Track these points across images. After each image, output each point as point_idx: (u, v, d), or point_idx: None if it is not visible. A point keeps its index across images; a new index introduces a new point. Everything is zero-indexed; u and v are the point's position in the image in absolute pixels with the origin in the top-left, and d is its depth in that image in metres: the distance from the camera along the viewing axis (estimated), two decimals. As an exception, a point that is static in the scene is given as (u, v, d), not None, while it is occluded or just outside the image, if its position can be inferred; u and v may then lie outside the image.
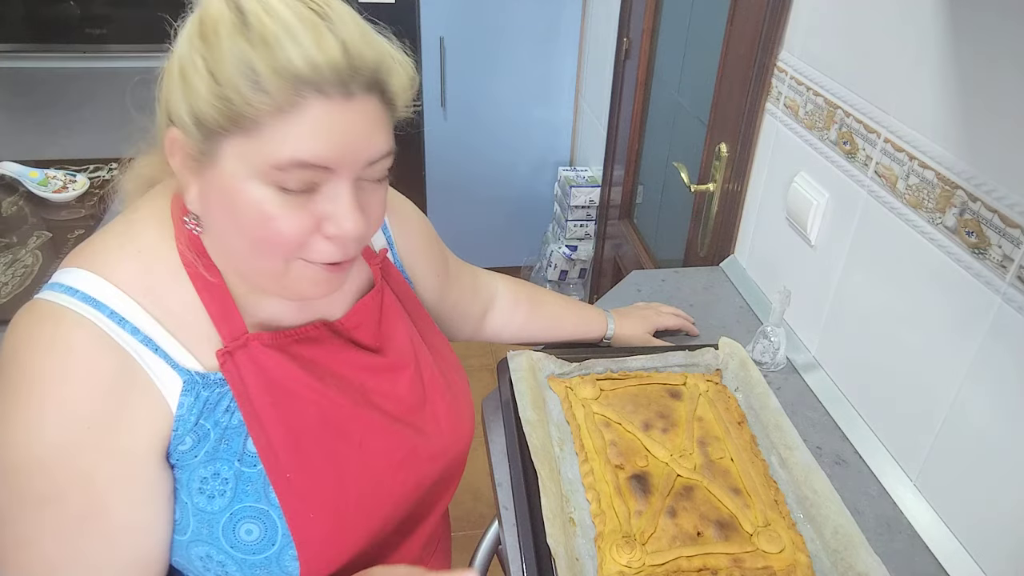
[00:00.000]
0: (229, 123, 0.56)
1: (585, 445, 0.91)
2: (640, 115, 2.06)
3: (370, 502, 0.71)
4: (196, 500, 0.63)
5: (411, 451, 0.75)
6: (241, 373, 0.65)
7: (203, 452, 0.63)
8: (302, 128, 0.56)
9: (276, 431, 0.65)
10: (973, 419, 0.82)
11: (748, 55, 1.27)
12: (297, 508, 0.65)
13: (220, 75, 0.55)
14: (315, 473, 0.67)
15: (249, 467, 0.64)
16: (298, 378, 0.67)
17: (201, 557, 0.64)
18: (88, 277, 0.61)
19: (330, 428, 0.69)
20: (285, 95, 0.54)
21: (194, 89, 0.56)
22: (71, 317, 0.59)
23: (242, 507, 0.64)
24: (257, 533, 0.64)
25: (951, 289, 0.84)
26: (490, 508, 0.93)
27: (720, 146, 1.39)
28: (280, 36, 0.54)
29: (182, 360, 0.63)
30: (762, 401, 0.98)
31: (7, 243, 1.44)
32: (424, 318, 0.85)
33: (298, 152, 0.56)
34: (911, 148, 0.89)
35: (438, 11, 2.49)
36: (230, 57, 0.54)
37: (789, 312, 1.18)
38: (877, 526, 0.88)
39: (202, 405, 0.63)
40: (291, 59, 0.54)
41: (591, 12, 2.54)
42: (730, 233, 1.40)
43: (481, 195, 2.89)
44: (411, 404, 0.76)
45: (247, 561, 0.64)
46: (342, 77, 0.56)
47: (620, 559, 0.77)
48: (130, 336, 0.61)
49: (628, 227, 2.22)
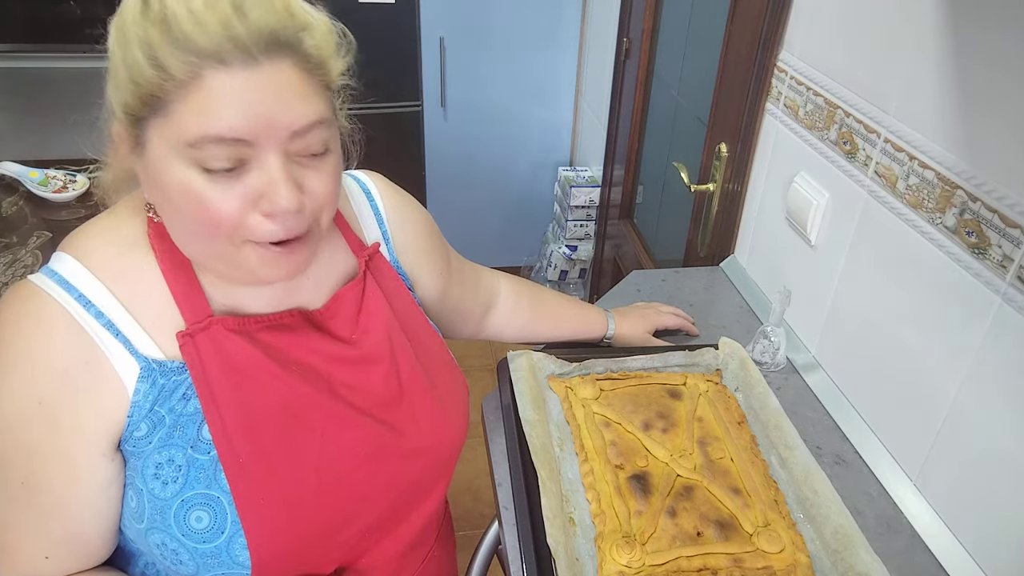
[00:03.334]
0: (143, 106, 0.57)
1: (585, 445, 0.91)
2: (640, 115, 2.06)
3: (330, 495, 0.69)
4: (151, 486, 0.64)
5: (380, 447, 0.73)
6: (201, 355, 0.65)
7: (157, 438, 0.64)
8: (208, 103, 0.55)
9: (232, 415, 0.65)
10: (973, 419, 0.82)
11: (748, 55, 1.27)
12: (248, 494, 0.64)
13: (129, 60, 0.55)
14: (270, 460, 0.66)
15: (202, 454, 0.64)
16: (259, 363, 0.67)
17: (158, 545, 0.65)
18: (67, 261, 0.64)
19: (289, 415, 0.68)
20: (184, 69, 0.54)
21: (116, 79, 0.58)
22: (42, 297, 0.62)
23: (193, 494, 0.64)
24: (207, 521, 0.64)
25: (951, 289, 0.84)
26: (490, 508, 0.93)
27: (720, 146, 1.39)
28: (176, 11, 0.54)
29: (142, 347, 0.64)
30: (762, 401, 0.98)
31: (7, 243, 1.44)
32: (415, 316, 0.82)
33: (207, 128, 0.55)
34: (911, 148, 0.89)
35: (438, 11, 2.49)
36: (135, 40, 0.55)
37: (789, 312, 1.18)
38: (877, 526, 0.88)
39: (158, 392, 0.64)
40: (184, 31, 0.53)
41: (591, 12, 2.54)
42: (730, 233, 1.40)
43: (481, 195, 2.89)
44: (384, 399, 0.75)
45: (198, 550, 0.64)
46: (240, 43, 0.54)
47: (620, 559, 0.77)
48: (93, 320, 0.62)
49: (628, 227, 2.22)
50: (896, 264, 0.93)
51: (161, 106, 0.56)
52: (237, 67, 0.54)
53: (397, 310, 0.80)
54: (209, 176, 0.57)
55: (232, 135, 0.56)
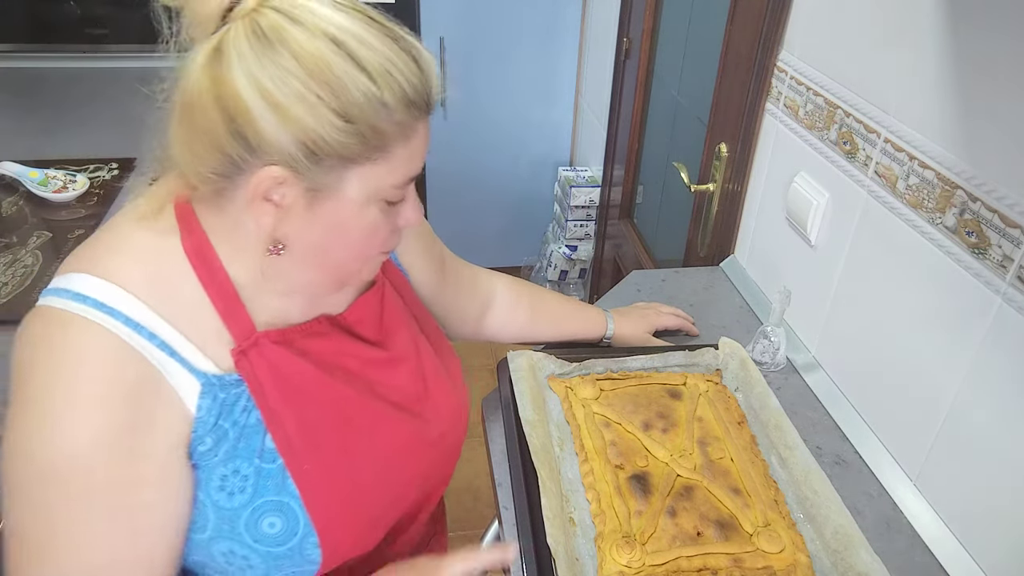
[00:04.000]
0: (360, 155, 0.58)
1: (585, 445, 0.91)
2: (640, 115, 2.06)
3: (381, 487, 0.73)
4: (216, 498, 0.64)
5: (415, 438, 0.77)
6: (255, 371, 0.65)
7: (223, 451, 0.64)
8: (415, 148, 0.62)
9: (291, 425, 0.67)
10: (973, 419, 0.82)
11: (748, 55, 1.27)
12: (315, 497, 0.67)
13: (351, 112, 0.56)
14: (330, 463, 0.69)
15: (269, 463, 0.66)
16: (307, 373, 0.69)
17: (224, 553, 0.65)
18: (97, 283, 0.61)
19: (340, 419, 0.70)
20: (409, 122, 0.60)
21: (309, 127, 0.55)
22: (83, 324, 0.59)
23: (263, 501, 0.65)
24: (280, 526, 0.66)
25: (951, 289, 0.84)
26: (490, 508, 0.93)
27: (720, 146, 1.39)
28: (388, 67, 0.57)
29: (197, 363, 0.63)
30: (762, 401, 0.98)
31: (7, 243, 1.44)
32: (420, 309, 0.87)
33: (411, 171, 0.63)
34: (911, 148, 0.89)
35: (438, 11, 2.49)
36: (357, 94, 0.56)
37: (789, 312, 1.18)
38: (877, 526, 0.88)
39: (220, 406, 0.64)
40: (405, 89, 0.58)
41: (591, 12, 2.54)
42: (730, 233, 1.40)
43: (481, 195, 2.89)
44: (413, 393, 0.78)
45: (271, 553, 0.65)
46: (432, 100, 0.62)
47: (620, 559, 0.77)
48: (147, 341, 0.61)
49: (628, 227, 2.21)
50: (896, 264, 0.93)
51: (379, 155, 0.59)
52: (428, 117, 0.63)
53: (409, 306, 0.84)
54: (385, 210, 0.64)
55: (417, 174, 0.64)
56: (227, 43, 0.55)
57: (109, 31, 2.33)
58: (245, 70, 0.54)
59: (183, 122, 0.59)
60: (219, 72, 0.55)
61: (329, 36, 0.55)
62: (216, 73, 0.55)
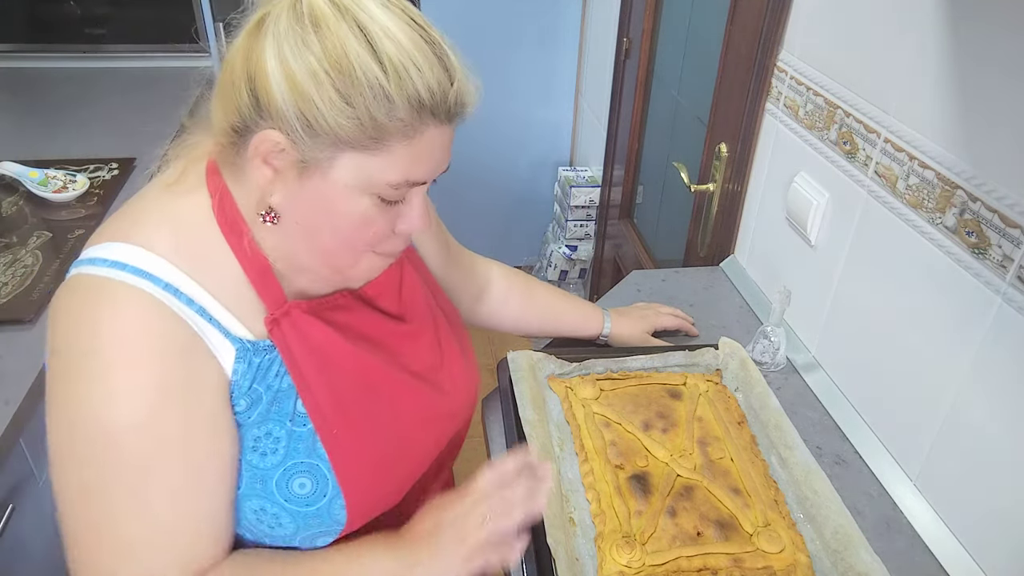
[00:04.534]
0: (355, 141, 0.59)
1: (585, 445, 0.91)
2: (640, 115, 2.06)
3: (402, 454, 0.76)
4: (249, 458, 0.67)
5: (434, 408, 0.80)
6: (287, 339, 0.68)
7: (256, 414, 0.67)
8: (418, 151, 0.62)
9: (321, 392, 0.69)
10: (973, 419, 0.82)
11: (748, 55, 1.27)
12: (344, 462, 0.69)
13: (352, 95, 0.57)
14: (357, 429, 0.71)
15: (300, 426, 0.68)
16: (335, 342, 0.71)
17: (255, 511, 0.68)
18: (133, 250, 0.63)
19: (366, 387, 0.73)
20: (412, 122, 0.60)
21: (312, 99, 0.57)
22: (125, 289, 0.61)
23: (294, 463, 0.68)
24: (310, 487, 0.68)
25: (951, 289, 0.84)
26: (490, 508, 0.93)
27: (720, 146, 1.39)
28: (408, 65, 0.58)
29: (232, 328, 0.66)
30: (762, 401, 0.98)
31: (7, 243, 1.44)
32: (434, 284, 0.89)
33: (411, 174, 0.63)
34: (911, 148, 0.89)
35: (438, 11, 2.49)
36: (363, 79, 0.57)
37: (789, 312, 1.18)
38: (877, 526, 0.88)
39: (254, 371, 0.66)
40: (419, 91, 0.59)
41: (591, 12, 2.54)
42: (730, 233, 1.40)
43: (481, 195, 2.89)
44: (432, 364, 0.81)
45: (300, 512, 0.68)
46: (452, 111, 0.62)
47: (620, 559, 0.77)
48: (185, 306, 0.63)
49: (628, 227, 2.21)
50: (896, 264, 0.93)
51: (375, 146, 0.60)
52: (443, 125, 0.63)
53: (426, 281, 0.86)
54: (380, 204, 0.64)
55: (423, 180, 0.64)
56: (270, 15, 0.59)
57: (109, 31, 2.34)
58: (275, 38, 0.58)
59: (221, 77, 0.63)
60: (256, 37, 0.60)
61: (358, 22, 0.58)
62: (253, 37, 0.60)
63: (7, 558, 1.06)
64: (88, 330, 0.60)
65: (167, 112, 2.06)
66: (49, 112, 2.06)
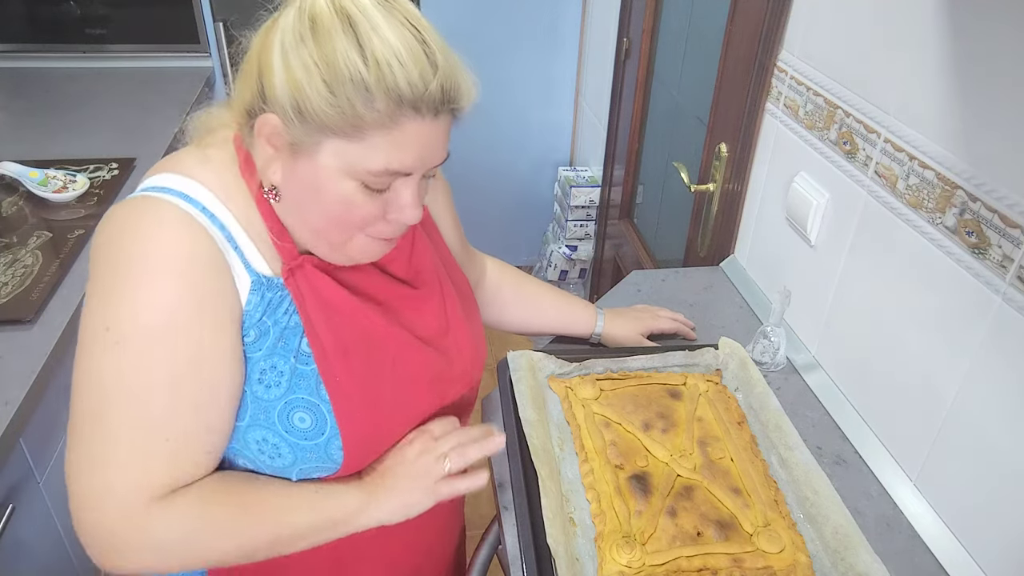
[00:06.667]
0: (337, 128, 0.63)
1: (585, 445, 0.91)
2: (640, 115, 2.06)
3: (400, 409, 0.79)
4: (255, 389, 0.71)
5: (438, 372, 0.83)
6: (300, 289, 0.72)
7: (265, 346, 0.71)
8: (398, 142, 0.65)
9: (328, 341, 0.73)
10: (973, 419, 0.82)
11: (748, 55, 1.27)
12: (344, 407, 0.73)
13: (335, 85, 0.62)
14: (357, 377, 0.74)
15: (303, 364, 0.72)
16: (343, 297, 0.75)
17: (257, 441, 0.72)
18: (178, 178, 0.69)
19: (369, 343, 0.76)
20: (391, 114, 0.63)
21: (303, 88, 0.62)
22: (164, 203, 0.67)
23: (296, 398, 0.72)
24: (309, 422, 0.72)
25: (951, 289, 0.84)
26: (490, 508, 0.93)
27: (720, 146, 1.39)
28: (391, 60, 0.61)
29: (253, 261, 0.71)
30: (762, 401, 0.98)
31: (7, 243, 1.44)
32: (447, 254, 0.92)
33: (391, 163, 0.65)
34: (911, 148, 0.89)
35: (438, 12, 2.49)
36: (345, 71, 0.61)
37: (789, 312, 1.18)
38: (877, 526, 0.88)
39: (266, 305, 0.71)
40: (399, 84, 0.62)
41: (591, 13, 2.54)
42: (730, 233, 1.40)
43: (481, 195, 2.89)
44: (438, 330, 0.84)
45: (299, 445, 0.72)
46: (436, 104, 0.65)
47: (620, 559, 0.77)
48: (218, 231, 0.68)
49: (628, 227, 2.21)
50: (896, 264, 0.93)
51: (354, 133, 0.63)
52: (428, 118, 0.65)
53: (437, 248, 0.90)
54: (365, 190, 0.67)
55: (405, 170, 0.67)
56: (282, 15, 0.66)
57: (109, 31, 2.34)
58: (281, 33, 0.64)
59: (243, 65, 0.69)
60: (269, 33, 0.66)
61: (351, 20, 0.62)
62: (268, 32, 0.66)
63: (7, 558, 1.06)
64: (126, 238, 0.66)
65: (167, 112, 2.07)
66: (49, 112, 2.06)
